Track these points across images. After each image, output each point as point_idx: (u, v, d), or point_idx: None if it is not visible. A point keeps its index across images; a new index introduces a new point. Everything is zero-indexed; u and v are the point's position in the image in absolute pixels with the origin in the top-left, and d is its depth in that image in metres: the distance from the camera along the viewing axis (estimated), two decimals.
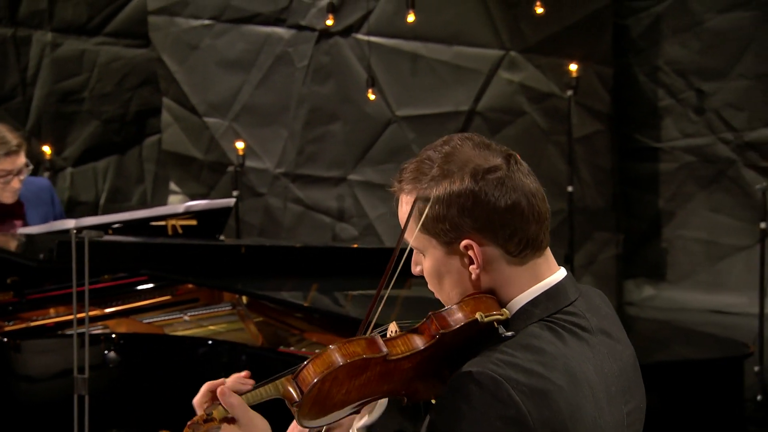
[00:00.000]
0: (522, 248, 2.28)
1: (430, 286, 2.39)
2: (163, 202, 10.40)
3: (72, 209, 9.58)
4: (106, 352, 4.78)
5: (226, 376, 3.73)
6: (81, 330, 4.92)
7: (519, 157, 2.32)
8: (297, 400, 2.23)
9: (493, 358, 2.18)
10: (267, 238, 9.91)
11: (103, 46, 9.77)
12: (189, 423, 2.27)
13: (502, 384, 2.13)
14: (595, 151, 9.28)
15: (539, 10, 8.84)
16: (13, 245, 5.50)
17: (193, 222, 5.91)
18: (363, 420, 2.57)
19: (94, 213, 9.72)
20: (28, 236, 5.66)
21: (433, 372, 2.33)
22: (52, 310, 5.30)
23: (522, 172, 2.28)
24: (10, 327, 5.06)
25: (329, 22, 9.25)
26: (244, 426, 2.31)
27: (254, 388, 2.32)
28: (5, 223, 5.80)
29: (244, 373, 2.42)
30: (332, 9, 9.12)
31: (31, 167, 5.86)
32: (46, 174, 9.66)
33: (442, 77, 9.52)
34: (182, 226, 5.89)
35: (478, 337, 2.27)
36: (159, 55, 10.02)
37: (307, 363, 2.24)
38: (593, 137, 9.23)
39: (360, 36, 9.60)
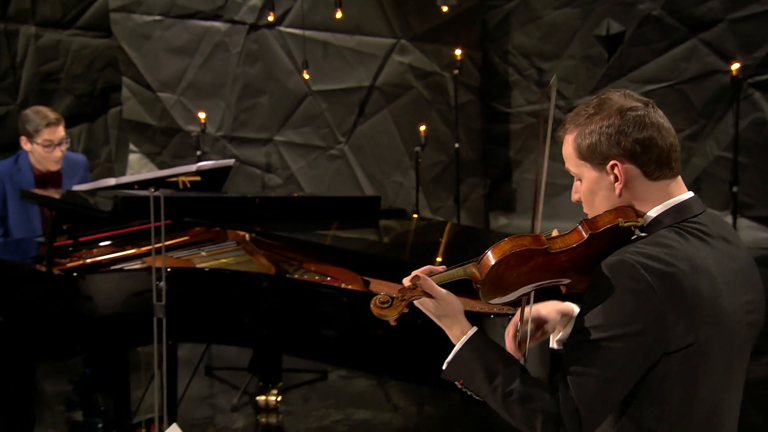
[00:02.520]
0: (656, 170, 2.52)
1: (585, 207, 2.63)
2: (124, 160, 10.70)
3: None
4: (158, 282, 4.81)
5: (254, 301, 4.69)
6: (138, 266, 5.27)
7: (654, 104, 2.56)
8: (480, 279, 2.51)
9: (629, 249, 2.44)
10: None
11: (74, 37, 10.07)
12: (400, 288, 2.53)
13: (634, 266, 2.39)
14: (468, 116, 9.82)
15: (444, 9, 9.29)
16: (78, 200, 5.44)
17: (198, 178, 5.92)
18: (560, 334, 2.80)
19: None
20: (89, 192, 5.60)
21: (585, 266, 2.53)
22: (95, 250, 5.41)
23: (657, 113, 2.55)
24: (69, 264, 5.15)
25: (270, 18, 9.66)
26: (438, 299, 2.56)
27: (445, 271, 2.60)
28: (45, 188, 5.80)
29: (440, 268, 2.63)
30: (272, 7, 9.44)
31: (68, 141, 5.98)
32: None
33: (347, 60, 10.03)
34: (190, 182, 5.90)
35: (620, 239, 2.50)
36: (119, 43, 10.34)
37: (487, 251, 2.51)
38: (467, 105, 9.78)
39: (282, 28, 10.05)
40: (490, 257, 2.48)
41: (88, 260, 5.34)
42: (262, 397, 6.45)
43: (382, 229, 5.88)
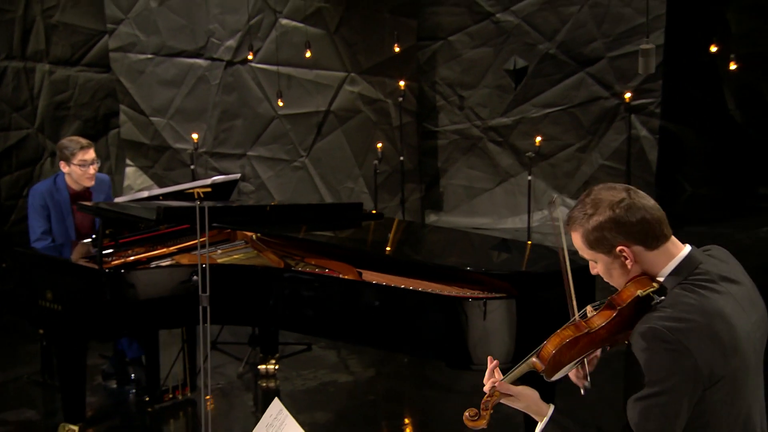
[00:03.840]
0: (654, 242, 2.51)
1: (605, 279, 2.64)
2: (122, 173, 10.54)
3: None
4: (193, 276, 5.04)
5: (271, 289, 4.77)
6: (174, 262, 5.32)
7: (635, 189, 2.56)
8: (542, 368, 2.55)
9: (654, 316, 2.42)
10: None
11: (81, 73, 9.97)
12: (483, 401, 2.56)
13: (663, 332, 2.37)
14: (407, 135, 9.82)
15: (396, 49, 9.34)
16: (124, 210, 5.33)
17: (209, 189, 5.80)
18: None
19: None
20: (141, 200, 5.56)
21: (620, 330, 2.54)
22: (129, 251, 5.40)
23: (638, 196, 2.53)
24: (115, 262, 5.20)
25: (250, 56, 9.58)
26: (516, 395, 2.57)
27: (511, 371, 2.61)
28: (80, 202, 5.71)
29: (494, 363, 2.65)
30: (251, 48, 9.42)
31: (99, 162, 5.95)
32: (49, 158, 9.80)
33: (307, 89, 9.94)
34: (203, 192, 5.77)
35: (644, 303, 2.49)
36: (117, 77, 10.19)
37: (544, 345, 2.55)
38: (407, 126, 9.76)
39: (253, 64, 9.94)
40: (548, 350, 2.54)
41: (131, 258, 5.36)
42: (263, 366, 6.49)
43: (365, 229, 5.90)
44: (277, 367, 6.51)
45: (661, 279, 2.52)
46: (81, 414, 5.41)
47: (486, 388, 2.57)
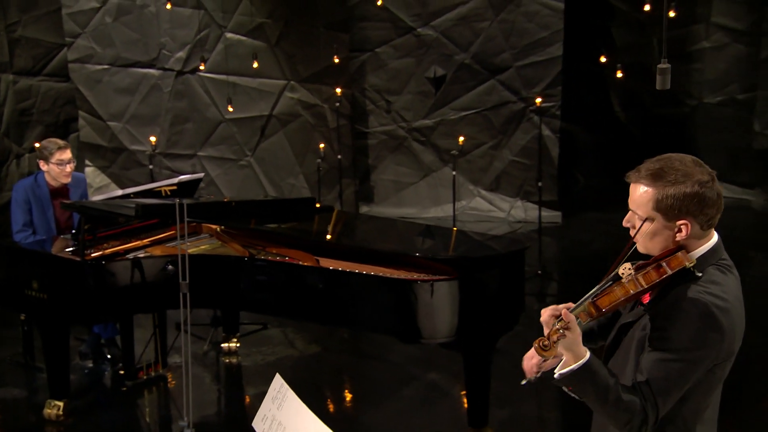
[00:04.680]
0: (708, 227, 2.41)
1: (639, 238, 2.42)
2: (81, 172, 9.63)
3: None
4: (168, 266, 5.00)
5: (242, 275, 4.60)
6: (145, 254, 5.25)
7: (716, 175, 2.38)
8: (595, 314, 2.38)
9: (698, 289, 2.32)
10: None
11: (42, 82, 9.80)
12: (549, 333, 2.31)
13: (707, 305, 2.29)
14: (343, 135, 9.75)
15: (336, 60, 9.31)
16: (106, 207, 5.16)
17: (175, 187, 5.70)
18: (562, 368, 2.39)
19: None
20: (117, 198, 5.41)
21: (654, 289, 2.42)
22: (106, 244, 5.27)
23: (718, 184, 2.38)
24: (95, 254, 5.08)
25: (202, 67, 9.36)
26: (574, 332, 2.30)
27: (573, 309, 2.36)
28: (57, 199, 5.71)
29: (562, 306, 2.36)
30: (202, 59, 9.24)
31: (74, 161, 5.81)
32: (15, 160, 9.62)
33: (251, 96, 9.85)
34: (169, 190, 5.66)
35: (682, 273, 2.36)
36: (76, 86, 9.94)
37: (602, 294, 2.37)
38: (342, 128, 9.71)
39: (201, 74, 9.82)
40: (605, 302, 2.37)
41: (109, 251, 5.24)
42: (225, 345, 6.41)
43: (318, 221, 5.87)
44: (238, 345, 6.44)
45: (695, 256, 2.39)
46: (66, 391, 5.31)
47: (544, 318, 2.34)
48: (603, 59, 10.84)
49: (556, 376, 2.37)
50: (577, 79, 11.02)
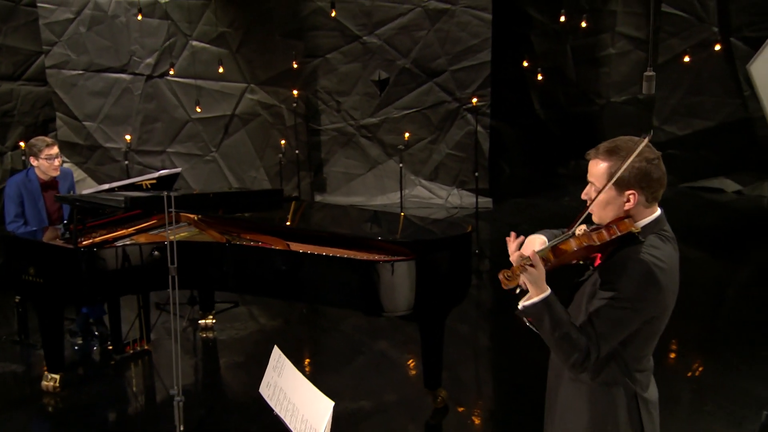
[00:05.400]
0: (653, 201, 2.42)
1: (594, 207, 2.45)
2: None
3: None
4: (153, 251, 4.94)
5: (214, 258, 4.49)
6: (131, 241, 5.17)
7: (660, 157, 2.39)
8: (553, 260, 2.41)
9: (641, 250, 2.34)
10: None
11: (23, 86, 9.61)
12: (518, 266, 2.35)
13: (654, 268, 2.32)
14: (299, 133, 9.75)
15: (295, 65, 9.25)
16: (98, 200, 5.02)
17: (154, 181, 5.65)
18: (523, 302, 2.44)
19: None
20: (104, 192, 5.26)
21: (603, 249, 2.44)
22: (94, 233, 5.22)
23: (662, 164, 2.40)
24: (86, 242, 5.02)
25: (171, 72, 9.24)
26: (538, 267, 2.35)
27: (541, 251, 2.40)
28: (47, 191, 5.66)
29: (519, 240, 2.45)
30: (172, 65, 9.18)
31: (61, 157, 5.75)
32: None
33: (215, 98, 9.79)
34: (150, 184, 5.63)
35: (627, 237, 2.40)
36: (54, 90, 9.84)
37: (561, 243, 2.41)
38: (298, 126, 9.71)
39: (169, 78, 9.73)
40: (562, 249, 2.41)
41: (98, 239, 5.17)
42: (203, 321, 6.38)
43: (286, 209, 5.85)
44: (213, 321, 6.43)
45: (640, 226, 2.43)
46: (61, 365, 5.25)
47: (513, 258, 2.40)
48: (525, 64, 11.13)
49: (519, 307, 2.41)
50: (503, 81, 11.22)
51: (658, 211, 2.48)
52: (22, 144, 8.47)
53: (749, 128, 10.22)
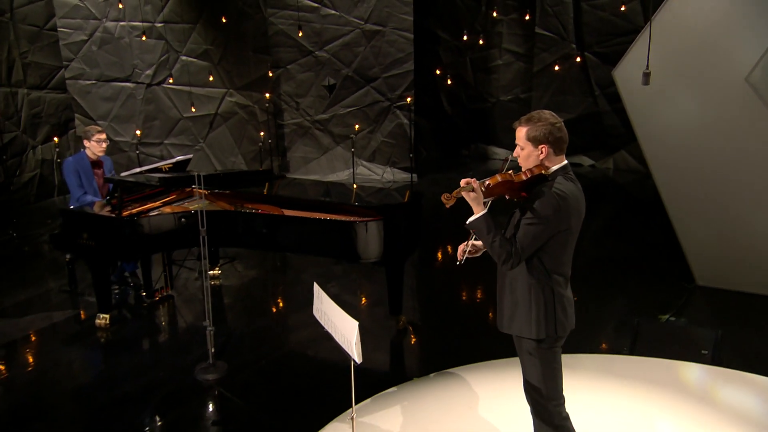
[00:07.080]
0: (559, 151, 2.46)
1: (520, 160, 2.49)
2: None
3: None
4: (182, 219, 4.90)
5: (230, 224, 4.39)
6: (158, 212, 5.06)
7: (563, 121, 2.44)
8: (483, 191, 2.42)
9: (550, 185, 2.41)
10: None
11: (48, 94, 9.28)
12: (457, 190, 2.39)
13: (559, 195, 2.39)
14: (270, 127, 9.62)
15: (270, 74, 9.02)
16: (138, 179, 4.95)
17: (171, 165, 5.59)
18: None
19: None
20: (137, 173, 5.22)
21: (522, 188, 2.45)
22: (131, 206, 5.14)
23: (564, 126, 2.45)
24: (126, 213, 4.96)
25: (171, 80, 8.99)
26: (477, 193, 2.41)
27: (482, 181, 2.42)
28: (96, 168, 5.49)
29: (472, 180, 2.41)
30: (171, 75, 9.01)
31: (108, 141, 5.56)
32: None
33: (201, 101, 9.61)
34: (168, 167, 5.57)
35: (538, 179, 2.45)
36: (72, 96, 9.56)
37: (490, 179, 2.41)
38: (269, 121, 9.57)
39: (165, 85, 9.53)
40: (491, 181, 2.43)
41: (135, 210, 5.15)
42: (211, 272, 6.34)
43: (275, 185, 5.90)
44: (219, 272, 6.42)
45: (551, 170, 2.50)
46: (109, 306, 5.23)
47: (462, 182, 2.43)
48: (437, 72, 11.27)
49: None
50: (421, 85, 11.23)
51: (565, 161, 2.55)
52: (55, 139, 8.23)
53: (599, 119, 10.53)
